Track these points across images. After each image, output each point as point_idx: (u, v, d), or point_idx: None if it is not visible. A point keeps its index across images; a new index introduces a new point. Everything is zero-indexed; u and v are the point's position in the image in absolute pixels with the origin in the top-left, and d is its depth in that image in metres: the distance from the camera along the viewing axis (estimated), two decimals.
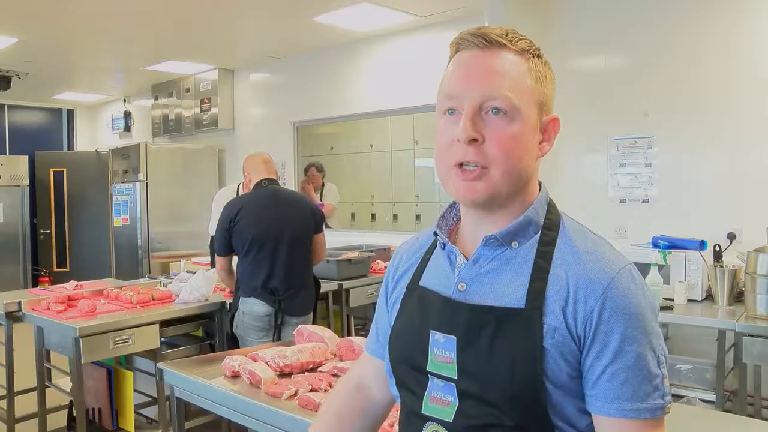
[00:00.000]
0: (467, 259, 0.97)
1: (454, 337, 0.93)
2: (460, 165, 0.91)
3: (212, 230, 3.91)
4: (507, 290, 0.92)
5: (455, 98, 0.93)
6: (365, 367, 1.19)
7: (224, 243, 3.28)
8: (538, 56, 0.96)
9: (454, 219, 1.05)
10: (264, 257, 3.22)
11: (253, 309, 3.19)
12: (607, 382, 0.86)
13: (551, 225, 0.96)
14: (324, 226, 3.53)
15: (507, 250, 0.95)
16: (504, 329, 0.90)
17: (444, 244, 1.01)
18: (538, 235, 0.95)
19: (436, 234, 1.02)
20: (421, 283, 1.03)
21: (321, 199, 5.80)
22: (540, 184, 1.00)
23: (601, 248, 0.93)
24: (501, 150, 0.90)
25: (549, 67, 0.98)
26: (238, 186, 4.28)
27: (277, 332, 3.23)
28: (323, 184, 5.92)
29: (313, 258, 3.46)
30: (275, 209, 3.31)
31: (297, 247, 3.32)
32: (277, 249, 3.24)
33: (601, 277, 0.88)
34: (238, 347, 3.16)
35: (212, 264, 3.97)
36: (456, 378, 0.93)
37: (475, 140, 0.90)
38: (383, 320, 1.13)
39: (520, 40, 0.94)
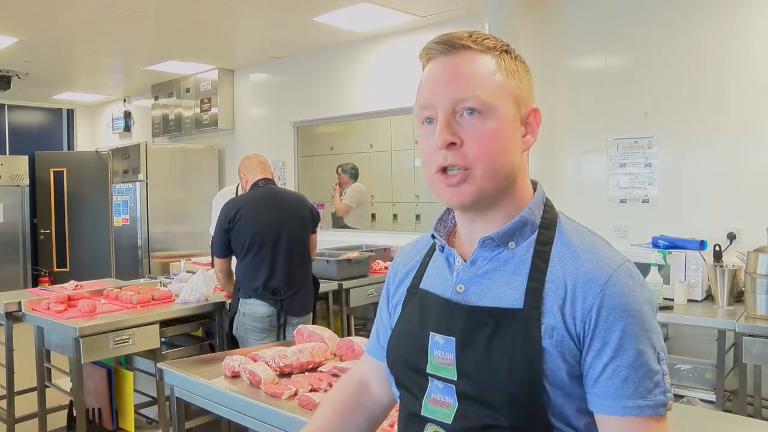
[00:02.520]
0: (465, 261, 0.97)
1: (453, 339, 0.93)
2: (444, 170, 0.91)
3: (213, 231, 3.91)
4: (505, 291, 0.92)
5: (429, 107, 0.93)
6: (366, 366, 1.19)
7: (223, 244, 3.27)
8: (507, 52, 0.95)
9: (452, 221, 1.05)
10: (264, 257, 3.22)
11: (254, 310, 3.19)
12: (608, 380, 0.86)
13: (548, 224, 0.96)
14: (318, 227, 3.53)
15: (504, 251, 0.95)
16: (502, 330, 0.90)
17: (442, 247, 1.01)
18: (535, 234, 0.95)
19: (434, 237, 1.02)
20: (421, 286, 1.03)
21: (341, 198, 5.88)
22: (536, 183, 1.00)
23: (598, 246, 0.93)
24: (481, 149, 0.90)
25: (521, 62, 0.97)
26: (237, 186, 4.28)
27: (280, 333, 3.23)
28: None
29: None
30: (274, 208, 3.30)
31: (296, 246, 3.32)
32: (277, 248, 3.24)
33: (599, 275, 0.88)
34: (238, 348, 3.15)
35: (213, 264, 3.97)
36: (455, 379, 0.93)
37: (453, 144, 0.90)
38: (384, 323, 1.13)
39: (486, 39, 0.94)
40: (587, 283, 0.88)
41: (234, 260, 3.36)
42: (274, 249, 3.23)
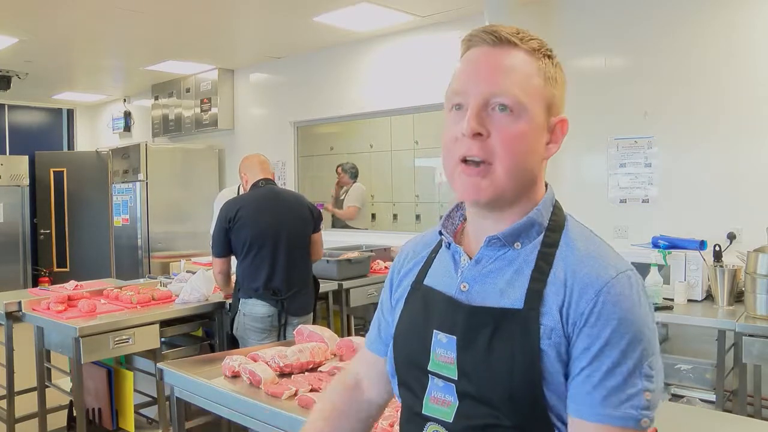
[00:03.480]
0: (471, 259, 0.97)
1: (454, 337, 0.93)
2: (465, 160, 0.91)
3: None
4: (507, 291, 0.92)
5: (462, 94, 0.92)
6: (362, 364, 1.18)
7: (223, 243, 3.27)
8: (549, 57, 0.95)
9: (460, 219, 1.05)
10: (264, 257, 3.22)
11: (255, 310, 3.19)
12: (581, 384, 0.85)
13: (555, 227, 0.95)
14: (321, 226, 3.53)
15: (510, 251, 0.95)
16: (502, 330, 0.90)
17: (449, 244, 1.01)
18: (541, 236, 0.94)
19: (441, 233, 1.02)
20: (425, 282, 1.03)
21: (343, 199, 5.84)
22: (546, 185, 1.00)
23: (602, 252, 0.92)
24: (505, 146, 0.89)
25: (560, 69, 0.96)
26: (239, 187, 4.28)
27: (280, 333, 3.23)
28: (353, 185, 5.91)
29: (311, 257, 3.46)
30: (274, 209, 3.30)
31: (296, 247, 3.32)
32: (277, 249, 3.24)
33: (597, 280, 0.87)
34: (238, 348, 3.16)
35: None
36: (456, 378, 0.93)
37: (479, 134, 0.89)
38: (386, 318, 1.13)
39: (531, 39, 0.93)
40: (584, 287, 0.87)
41: (234, 261, 3.36)
42: (274, 249, 3.23)
